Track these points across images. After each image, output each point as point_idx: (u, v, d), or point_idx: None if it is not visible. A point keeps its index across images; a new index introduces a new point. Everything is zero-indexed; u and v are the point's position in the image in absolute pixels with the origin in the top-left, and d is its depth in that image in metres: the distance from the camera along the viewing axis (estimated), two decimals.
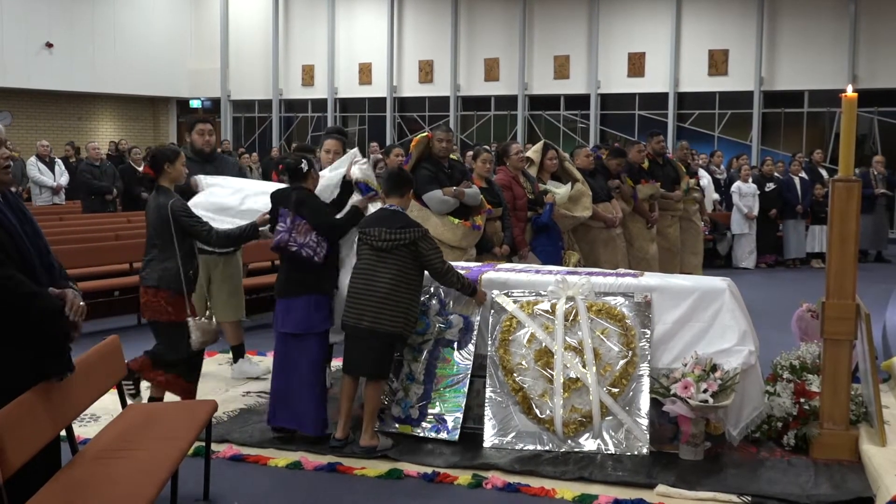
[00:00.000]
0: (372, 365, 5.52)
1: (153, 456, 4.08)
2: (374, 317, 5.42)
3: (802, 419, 5.56)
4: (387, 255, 5.47)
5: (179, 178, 5.96)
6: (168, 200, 5.74)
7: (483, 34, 23.30)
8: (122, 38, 24.48)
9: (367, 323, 5.43)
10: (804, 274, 13.93)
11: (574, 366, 5.60)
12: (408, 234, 5.46)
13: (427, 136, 7.51)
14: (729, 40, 20.97)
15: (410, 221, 5.60)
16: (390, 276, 5.44)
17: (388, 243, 5.45)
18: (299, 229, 5.58)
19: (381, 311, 5.41)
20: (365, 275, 5.50)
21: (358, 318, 5.46)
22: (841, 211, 5.41)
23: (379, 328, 5.42)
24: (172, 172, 5.85)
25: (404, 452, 5.50)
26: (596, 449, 5.48)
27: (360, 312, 5.45)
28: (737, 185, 14.64)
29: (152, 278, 5.78)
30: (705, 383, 5.24)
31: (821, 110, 20.59)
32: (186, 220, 5.74)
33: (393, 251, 5.46)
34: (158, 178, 5.85)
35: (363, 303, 5.45)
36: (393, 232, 5.46)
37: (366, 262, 5.53)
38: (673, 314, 5.62)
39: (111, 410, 5.59)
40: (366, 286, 5.47)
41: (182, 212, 5.75)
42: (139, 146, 16.38)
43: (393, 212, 5.60)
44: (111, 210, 13.36)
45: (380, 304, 5.42)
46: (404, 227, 5.50)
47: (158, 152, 5.94)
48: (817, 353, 5.97)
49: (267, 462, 5.44)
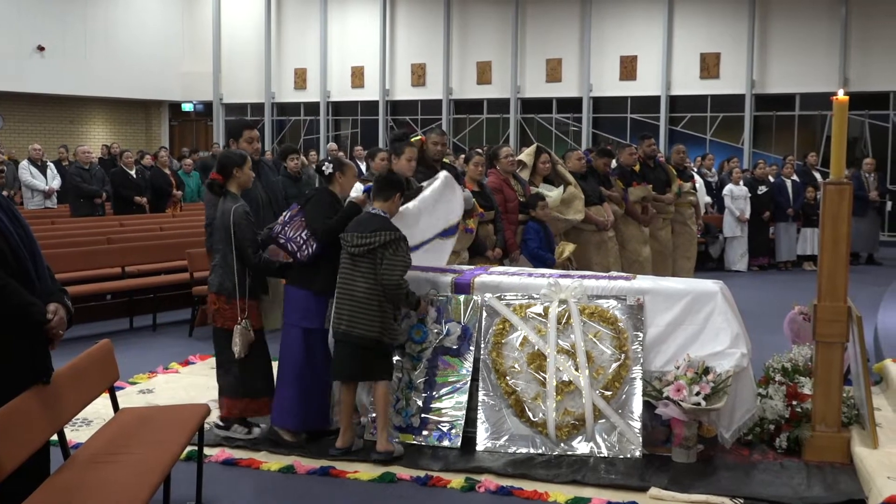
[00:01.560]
0: (353, 368, 5.52)
1: (145, 460, 4.07)
2: (349, 321, 5.43)
3: (795, 421, 5.57)
4: (360, 260, 5.47)
5: (248, 183, 5.97)
6: (233, 205, 5.74)
7: (476, 37, 23.31)
8: (114, 41, 24.45)
9: (343, 327, 5.46)
10: (796, 276, 13.97)
11: (567, 369, 5.60)
12: (377, 238, 5.41)
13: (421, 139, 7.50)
14: (721, 43, 21.02)
15: (386, 225, 5.53)
16: (364, 280, 5.44)
17: (359, 248, 5.45)
18: (294, 224, 5.66)
19: (354, 316, 5.41)
20: (343, 280, 5.53)
21: (338, 322, 5.50)
22: (833, 213, 5.43)
23: (353, 332, 5.42)
24: (241, 177, 5.87)
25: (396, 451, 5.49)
26: (589, 452, 5.48)
27: (339, 317, 5.49)
28: (728, 187, 14.68)
29: (214, 283, 5.82)
30: (698, 386, 5.25)
31: (812, 113, 20.64)
32: (241, 231, 5.69)
33: (366, 255, 5.45)
34: (227, 184, 5.85)
35: (342, 307, 5.48)
36: (364, 236, 5.45)
37: (344, 268, 5.54)
38: (665, 317, 5.63)
39: (103, 415, 5.58)
40: (344, 291, 5.50)
41: (242, 219, 5.70)
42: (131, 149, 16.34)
43: (372, 216, 5.57)
44: (100, 214, 13.33)
45: (354, 309, 5.42)
46: (376, 230, 5.45)
47: (227, 157, 5.96)
48: (809, 356, 5.98)
49: (259, 466, 5.43)
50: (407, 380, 5.84)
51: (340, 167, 5.86)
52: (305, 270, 5.71)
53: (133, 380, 7.34)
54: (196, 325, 9.25)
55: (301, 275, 5.74)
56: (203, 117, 27.39)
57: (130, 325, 9.70)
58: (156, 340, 9.15)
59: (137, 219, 12.88)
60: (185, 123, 27.96)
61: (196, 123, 27.80)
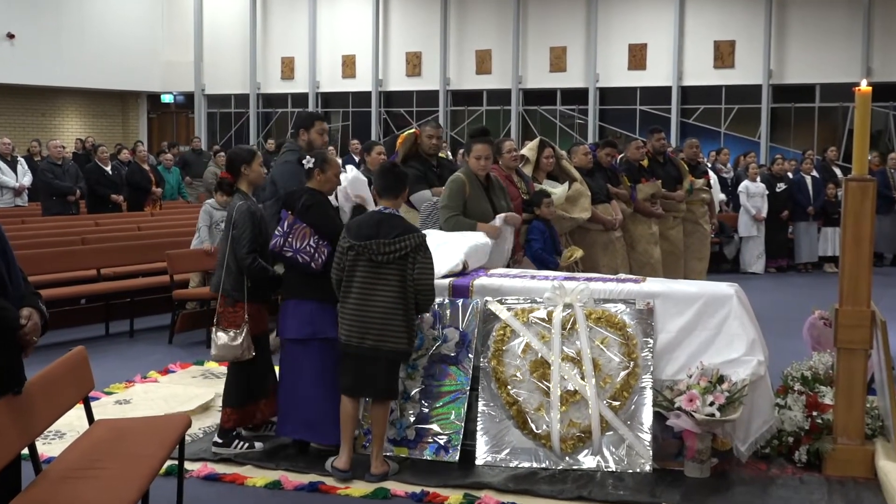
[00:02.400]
0: (389, 383, 5.47)
1: (122, 475, 4.06)
2: (379, 335, 5.31)
3: (815, 434, 5.58)
4: (386, 267, 5.34)
5: (258, 180, 6.03)
6: (237, 203, 5.77)
7: (475, 24, 23.34)
8: (89, 29, 24.44)
9: (371, 342, 5.32)
10: (816, 279, 14.00)
11: (572, 377, 5.60)
12: (408, 242, 5.33)
13: (415, 132, 7.51)
14: (736, 31, 21.07)
15: (410, 227, 5.49)
16: (390, 288, 5.32)
17: (388, 256, 5.32)
18: (296, 233, 5.56)
19: (385, 328, 5.30)
20: (361, 289, 5.36)
21: (362, 336, 5.33)
22: (855, 212, 5.43)
23: (385, 346, 5.32)
24: (250, 174, 5.90)
25: (392, 470, 5.49)
26: (595, 466, 5.48)
27: (364, 330, 5.33)
28: (744, 184, 14.70)
29: (214, 283, 5.87)
30: (711, 396, 5.26)
31: (833, 105, 20.69)
32: (238, 229, 5.70)
33: (394, 262, 5.34)
34: (237, 182, 5.90)
35: (366, 320, 5.32)
36: (392, 242, 5.32)
37: (360, 276, 5.36)
38: (677, 322, 5.63)
39: (77, 427, 5.57)
40: (363, 301, 5.35)
41: (242, 217, 5.70)
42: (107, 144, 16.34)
43: (388, 216, 5.45)
44: (73, 212, 13.33)
45: (383, 321, 5.31)
46: (402, 234, 5.35)
47: (234, 154, 6.01)
48: (830, 364, 5.99)
49: (244, 482, 5.42)
50: (402, 389, 5.82)
51: (322, 165, 5.76)
52: (306, 280, 5.61)
53: (109, 389, 7.34)
54: (176, 332, 9.25)
55: (302, 285, 5.64)
56: (184, 109, 27.41)
57: (106, 331, 9.70)
58: (133, 347, 9.14)
59: (114, 218, 12.89)
60: (164, 116, 27.99)
61: (176, 116, 27.84)
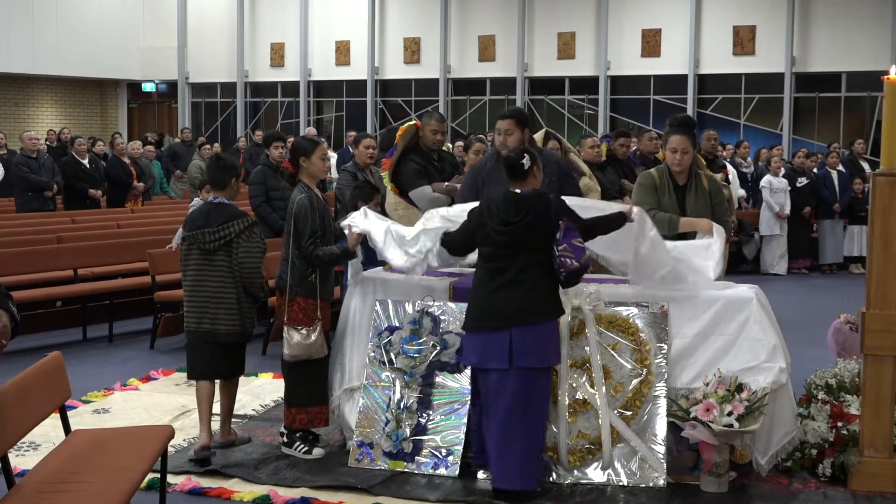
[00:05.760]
0: (222, 370, 6.02)
1: (101, 489, 4.07)
2: (213, 319, 5.91)
3: (840, 446, 5.58)
4: (215, 254, 5.91)
5: (319, 173, 6.15)
6: (297, 196, 5.92)
7: (477, 8, 23.35)
8: (65, 13, 24.45)
9: (207, 326, 5.93)
10: (842, 281, 13.99)
11: (581, 385, 5.61)
12: (232, 228, 5.87)
13: (415, 124, 7.51)
14: (756, 15, 21.06)
15: (234, 213, 5.97)
16: (221, 275, 5.91)
17: (214, 243, 5.89)
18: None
19: (217, 313, 5.90)
20: (196, 277, 5.97)
21: (198, 322, 5.95)
22: (883, 209, 5.43)
23: (219, 330, 5.91)
24: (309, 167, 6.02)
25: (388, 485, 5.48)
26: (606, 480, 5.48)
27: (199, 316, 5.94)
28: (767, 179, 14.66)
29: (278, 279, 6.02)
30: (730, 405, 5.26)
31: (860, 94, 20.69)
32: (301, 222, 5.84)
33: (220, 249, 5.90)
34: (298, 173, 6.04)
35: (199, 306, 5.95)
36: (217, 230, 5.89)
37: (195, 264, 5.97)
38: (693, 326, 5.63)
39: (53, 438, 5.58)
40: (199, 288, 5.95)
41: (301, 210, 5.85)
42: (84, 135, 16.32)
43: (217, 205, 6.01)
44: (50, 209, 13.32)
45: (216, 306, 5.90)
46: (227, 220, 5.90)
47: (294, 145, 6.19)
48: (857, 371, 5.99)
49: (231, 496, 5.42)
50: (398, 398, 5.81)
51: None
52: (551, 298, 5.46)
53: (87, 398, 7.34)
54: (158, 336, 9.25)
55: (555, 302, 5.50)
56: (166, 98, 27.42)
57: (83, 335, 9.70)
58: (112, 353, 9.14)
59: (92, 214, 12.87)
60: (145, 105, 28.00)
61: (158, 105, 27.85)
